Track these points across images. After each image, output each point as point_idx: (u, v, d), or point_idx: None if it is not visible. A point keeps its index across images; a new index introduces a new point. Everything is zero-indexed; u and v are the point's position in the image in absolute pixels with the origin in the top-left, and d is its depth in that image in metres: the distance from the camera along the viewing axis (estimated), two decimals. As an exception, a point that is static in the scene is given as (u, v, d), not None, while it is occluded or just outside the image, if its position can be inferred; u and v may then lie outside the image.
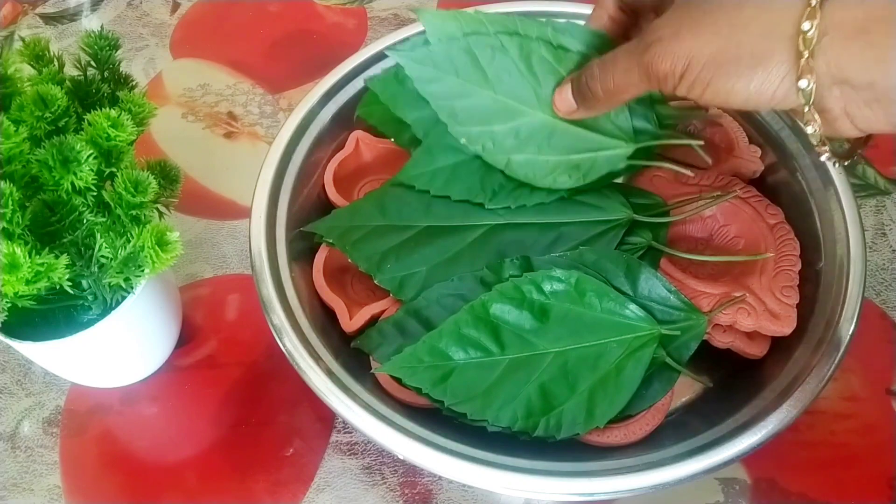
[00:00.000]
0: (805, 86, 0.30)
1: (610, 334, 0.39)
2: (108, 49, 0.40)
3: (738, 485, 0.44)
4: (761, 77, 0.30)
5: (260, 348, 0.49)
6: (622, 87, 0.36)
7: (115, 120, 0.35)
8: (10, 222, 0.33)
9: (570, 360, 0.39)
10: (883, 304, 0.50)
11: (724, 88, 0.31)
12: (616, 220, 0.42)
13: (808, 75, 0.29)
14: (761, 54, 0.30)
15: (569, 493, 0.36)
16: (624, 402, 0.39)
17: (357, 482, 0.44)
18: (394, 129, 0.47)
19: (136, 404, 0.47)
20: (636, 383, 0.39)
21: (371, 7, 0.68)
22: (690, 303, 0.40)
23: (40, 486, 0.44)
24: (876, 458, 0.45)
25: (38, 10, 0.68)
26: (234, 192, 0.56)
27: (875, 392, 0.47)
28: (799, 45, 0.29)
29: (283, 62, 0.64)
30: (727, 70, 0.31)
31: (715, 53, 0.31)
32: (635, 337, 0.39)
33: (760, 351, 0.42)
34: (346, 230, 0.44)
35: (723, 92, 0.31)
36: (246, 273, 0.51)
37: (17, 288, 0.32)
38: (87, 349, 0.41)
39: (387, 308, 0.43)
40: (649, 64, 0.33)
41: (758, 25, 0.30)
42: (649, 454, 0.39)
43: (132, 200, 0.35)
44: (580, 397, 0.38)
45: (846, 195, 0.44)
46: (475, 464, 0.37)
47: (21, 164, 0.34)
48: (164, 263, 0.36)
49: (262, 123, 0.60)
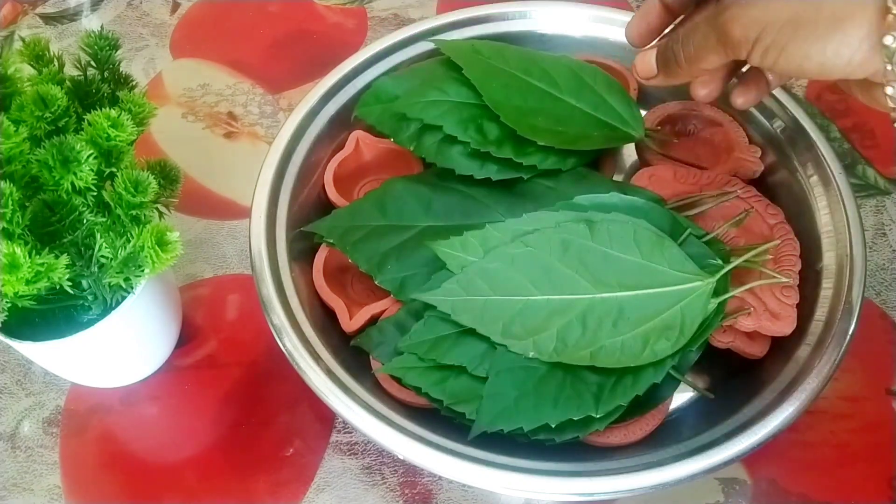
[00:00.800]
0: (891, 42, 0.29)
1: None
2: (108, 49, 0.40)
3: (738, 485, 0.44)
4: (839, 39, 0.30)
5: (260, 348, 0.49)
6: (701, 53, 0.35)
7: (115, 120, 0.35)
8: (10, 222, 0.33)
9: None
10: (883, 304, 0.50)
11: (798, 53, 0.31)
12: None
13: (895, 31, 0.28)
14: (842, 15, 0.29)
15: (569, 493, 0.36)
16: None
17: (357, 482, 0.44)
18: (392, 127, 0.46)
19: (136, 404, 0.47)
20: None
21: (371, 7, 0.68)
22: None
23: (40, 486, 0.44)
24: (876, 458, 0.45)
25: (38, 10, 0.68)
26: (234, 192, 0.56)
27: (875, 392, 0.47)
28: (887, 2, 0.28)
29: (283, 62, 0.64)
30: (803, 34, 0.30)
31: (791, 17, 0.30)
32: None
33: (760, 351, 0.42)
34: (347, 230, 0.44)
35: (798, 57, 0.31)
36: (246, 273, 0.51)
37: (17, 288, 0.32)
38: (87, 349, 0.41)
39: (387, 308, 0.43)
40: (724, 28, 0.32)
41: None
42: (649, 454, 0.39)
43: (132, 200, 0.35)
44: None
45: (846, 195, 0.44)
46: (475, 464, 0.37)
47: (21, 164, 0.34)
48: (164, 263, 0.36)
49: (262, 123, 0.60)
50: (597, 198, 0.41)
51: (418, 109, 0.44)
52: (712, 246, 0.41)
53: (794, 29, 0.30)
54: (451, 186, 0.45)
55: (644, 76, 0.40)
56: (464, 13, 0.53)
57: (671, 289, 0.39)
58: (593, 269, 0.39)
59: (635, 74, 0.41)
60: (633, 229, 0.40)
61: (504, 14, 0.53)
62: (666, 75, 0.39)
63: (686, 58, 0.36)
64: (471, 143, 0.43)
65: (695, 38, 0.35)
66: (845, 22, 0.29)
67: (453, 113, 0.44)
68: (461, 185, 0.44)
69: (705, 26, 0.34)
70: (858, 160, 0.57)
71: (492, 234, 0.40)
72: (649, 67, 0.39)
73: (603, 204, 0.41)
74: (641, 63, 0.40)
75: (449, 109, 0.44)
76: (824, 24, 0.30)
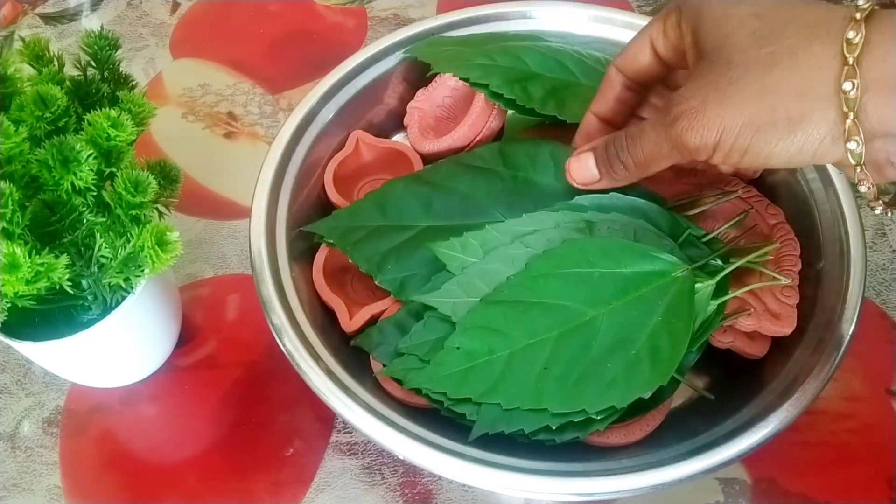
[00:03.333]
0: (855, 148, 0.29)
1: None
2: (108, 49, 0.40)
3: (738, 485, 0.44)
4: (801, 139, 0.29)
5: (260, 348, 0.49)
6: (653, 158, 0.35)
7: (115, 120, 0.35)
8: (10, 222, 0.33)
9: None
10: (883, 304, 0.50)
11: (763, 152, 0.30)
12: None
13: (856, 136, 0.29)
14: (799, 116, 0.29)
15: (569, 493, 0.36)
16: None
17: (357, 482, 0.44)
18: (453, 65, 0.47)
19: (136, 404, 0.47)
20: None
21: (371, 7, 0.68)
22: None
23: (40, 486, 0.44)
24: (876, 458, 0.45)
25: (38, 10, 0.68)
26: (234, 192, 0.56)
27: (875, 392, 0.47)
28: (842, 106, 0.28)
29: (283, 62, 0.64)
30: (764, 136, 0.30)
31: (747, 121, 0.30)
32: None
33: (760, 351, 0.42)
34: (347, 231, 0.44)
35: (763, 155, 0.30)
36: (246, 273, 0.51)
37: (17, 288, 0.32)
38: (87, 349, 0.41)
39: (387, 308, 0.43)
40: (678, 138, 0.32)
41: (789, 87, 0.29)
42: (649, 454, 0.39)
43: (132, 200, 0.35)
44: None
45: (846, 195, 0.44)
46: (475, 464, 0.37)
47: (21, 164, 0.34)
48: (164, 263, 0.35)
49: (262, 123, 0.60)
50: (597, 198, 0.41)
51: (464, 70, 0.46)
52: (712, 246, 0.41)
53: (754, 132, 0.30)
54: (452, 186, 0.45)
55: (584, 182, 0.39)
56: (464, 13, 0.53)
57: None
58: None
59: (570, 180, 0.39)
60: (633, 229, 0.40)
61: (504, 14, 0.53)
62: (611, 180, 0.38)
63: (636, 164, 0.35)
64: (516, 101, 0.45)
65: (644, 146, 0.34)
66: (803, 122, 0.29)
67: (498, 74, 0.46)
68: (461, 185, 0.44)
69: (654, 134, 0.34)
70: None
71: (492, 234, 0.40)
72: (590, 173, 0.38)
73: (603, 204, 0.41)
74: (578, 170, 0.38)
75: (494, 70, 0.46)
76: (783, 126, 0.29)
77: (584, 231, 0.40)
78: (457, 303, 0.39)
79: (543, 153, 0.44)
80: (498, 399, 0.37)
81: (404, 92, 0.53)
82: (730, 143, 0.31)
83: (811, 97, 0.29)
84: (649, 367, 0.37)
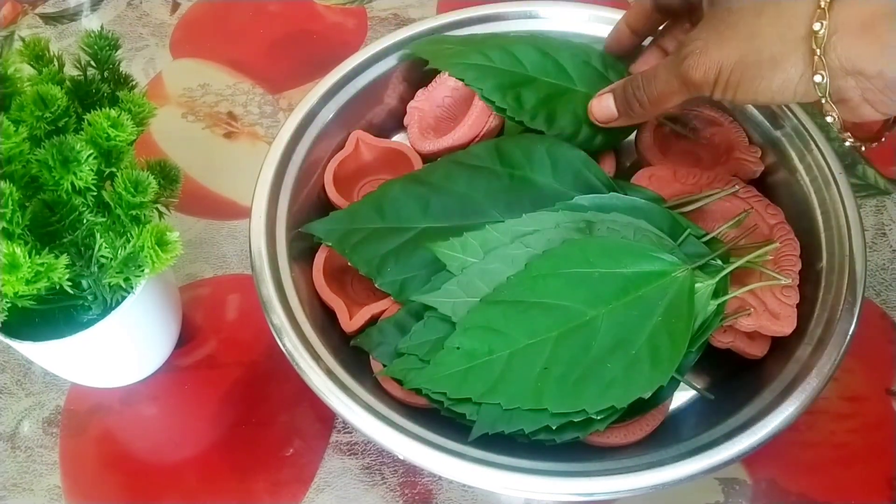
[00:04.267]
0: (820, 80, 0.32)
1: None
2: (108, 49, 0.40)
3: (738, 485, 0.44)
4: (781, 77, 0.33)
5: (260, 348, 0.49)
6: (665, 95, 0.39)
7: (115, 120, 0.35)
8: (10, 222, 0.33)
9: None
10: (883, 304, 0.50)
11: (751, 89, 0.35)
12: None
13: (822, 71, 0.32)
14: (779, 56, 0.33)
15: (569, 493, 0.36)
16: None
17: (357, 482, 0.44)
18: (450, 63, 0.47)
19: (136, 404, 0.47)
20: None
21: (371, 7, 0.68)
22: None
23: (40, 486, 0.44)
24: (876, 458, 0.45)
25: (38, 10, 0.68)
26: (234, 192, 0.56)
27: (875, 392, 0.47)
28: (812, 44, 0.32)
29: (283, 62, 0.64)
30: (751, 74, 0.34)
31: (738, 59, 0.34)
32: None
33: (760, 351, 0.42)
34: (346, 233, 0.44)
35: (751, 92, 0.35)
36: (246, 273, 0.51)
37: (17, 288, 0.32)
38: (87, 349, 0.41)
39: (387, 308, 0.43)
40: (685, 74, 0.36)
41: (773, 31, 0.33)
42: (649, 454, 0.39)
43: (132, 200, 0.35)
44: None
45: (846, 195, 0.44)
46: (475, 464, 0.37)
47: (21, 164, 0.34)
48: (164, 263, 0.35)
49: (262, 123, 0.60)
50: (596, 198, 0.41)
51: (460, 70, 0.46)
52: (712, 246, 0.41)
53: (743, 70, 0.34)
54: (449, 187, 0.44)
55: (603, 120, 0.43)
56: (464, 13, 0.53)
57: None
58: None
59: (592, 119, 0.44)
60: (633, 229, 0.40)
61: (504, 14, 0.53)
62: (628, 118, 0.42)
63: (650, 101, 0.40)
64: (507, 111, 0.45)
65: (657, 84, 0.39)
66: (783, 63, 0.33)
67: (493, 77, 0.46)
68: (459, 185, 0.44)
69: (666, 73, 0.38)
70: (858, 160, 0.57)
71: (491, 234, 0.40)
72: (609, 112, 0.43)
73: (603, 204, 0.41)
74: (599, 108, 0.43)
75: (490, 72, 0.46)
76: (766, 66, 0.34)
77: (584, 231, 0.40)
78: (457, 303, 0.39)
79: (539, 150, 0.44)
80: (498, 399, 0.37)
81: (404, 92, 0.53)
82: (725, 78, 0.35)
83: (790, 39, 0.33)
84: (649, 367, 0.37)
